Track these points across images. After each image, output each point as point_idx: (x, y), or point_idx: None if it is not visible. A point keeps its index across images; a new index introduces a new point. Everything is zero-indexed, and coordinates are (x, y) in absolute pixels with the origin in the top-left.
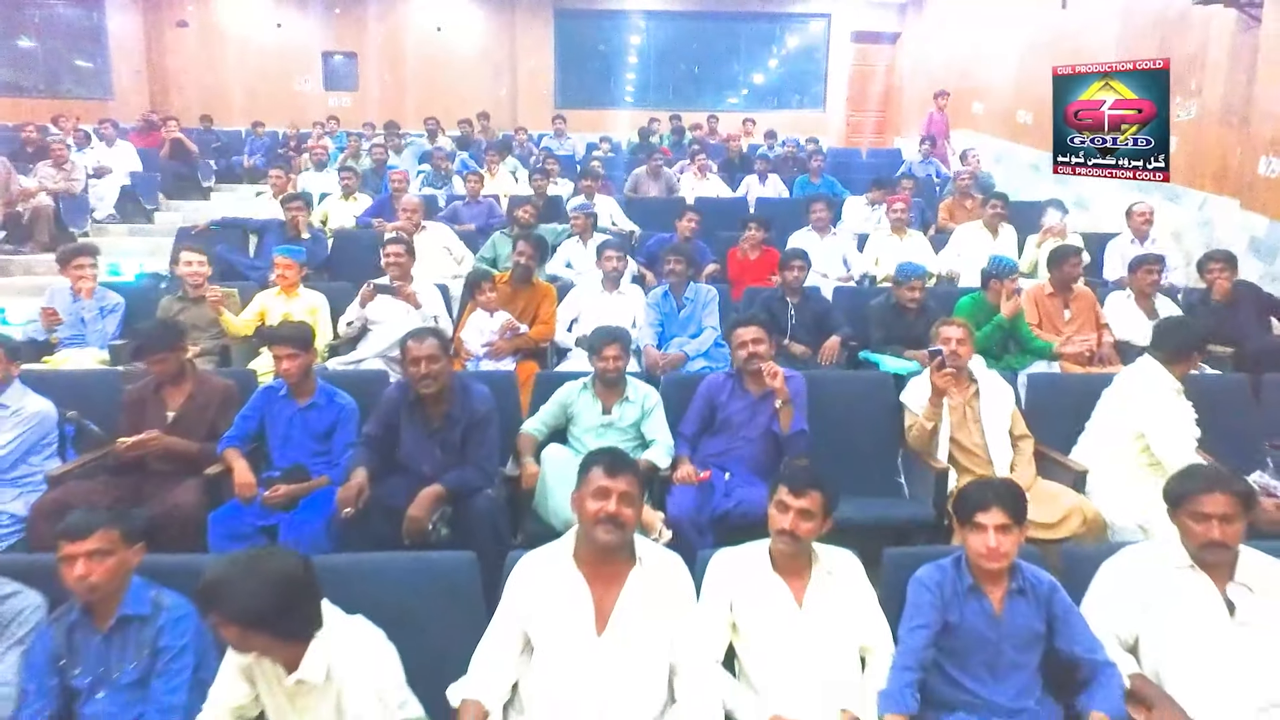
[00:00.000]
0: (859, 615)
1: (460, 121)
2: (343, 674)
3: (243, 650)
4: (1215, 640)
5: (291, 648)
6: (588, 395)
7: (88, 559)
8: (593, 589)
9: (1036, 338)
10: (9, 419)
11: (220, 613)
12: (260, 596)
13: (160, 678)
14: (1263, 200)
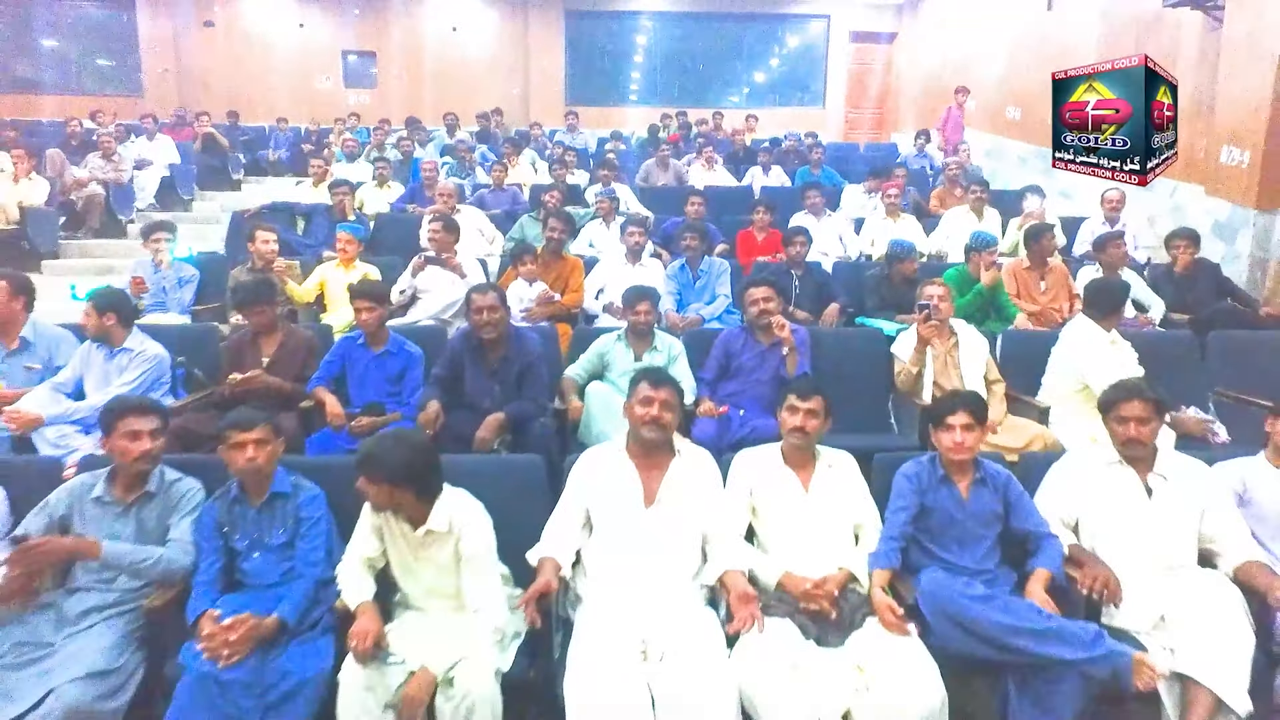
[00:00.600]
0: (854, 499)
1: (479, 116)
2: (460, 525)
3: (387, 506)
4: (1136, 517)
5: (422, 505)
6: (621, 345)
7: (255, 445)
8: (641, 474)
9: (1013, 304)
10: (135, 359)
11: (377, 474)
12: (407, 460)
13: (304, 539)
14: (1225, 187)
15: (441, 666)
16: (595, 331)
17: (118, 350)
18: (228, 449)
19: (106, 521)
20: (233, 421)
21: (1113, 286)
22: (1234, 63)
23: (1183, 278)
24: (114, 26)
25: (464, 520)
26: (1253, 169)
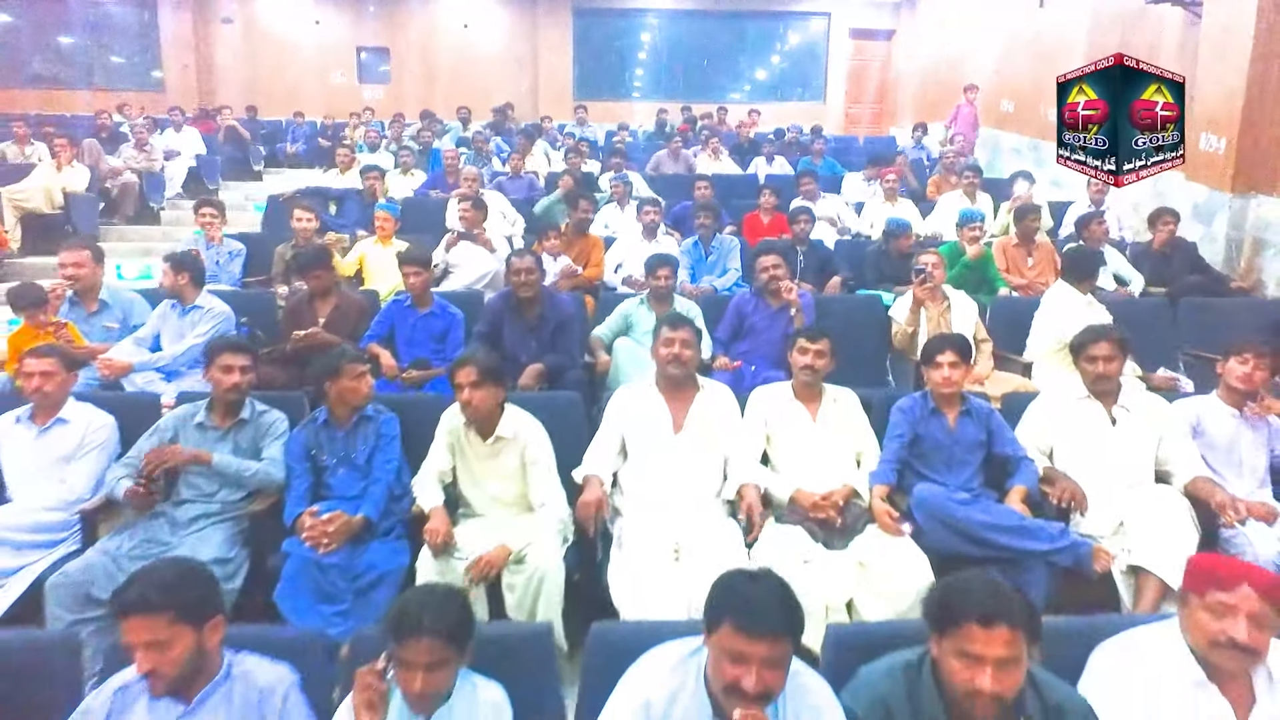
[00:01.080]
0: (856, 429)
1: (494, 110)
2: (524, 434)
3: (475, 400)
4: (1101, 442)
5: (496, 414)
6: (643, 308)
7: (360, 378)
8: (670, 406)
9: (1001, 278)
10: (205, 315)
11: (472, 368)
12: (492, 361)
13: (381, 453)
14: (1203, 172)
15: (513, 549)
16: (619, 297)
17: (190, 308)
18: (350, 380)
19: (207, 443)
20: (353, 356)
21: (1087, 254)
22: (1211, 55)
23: (1160, 255)
24: (135, 24)
25: (527, 429)
26: (1228, 155)
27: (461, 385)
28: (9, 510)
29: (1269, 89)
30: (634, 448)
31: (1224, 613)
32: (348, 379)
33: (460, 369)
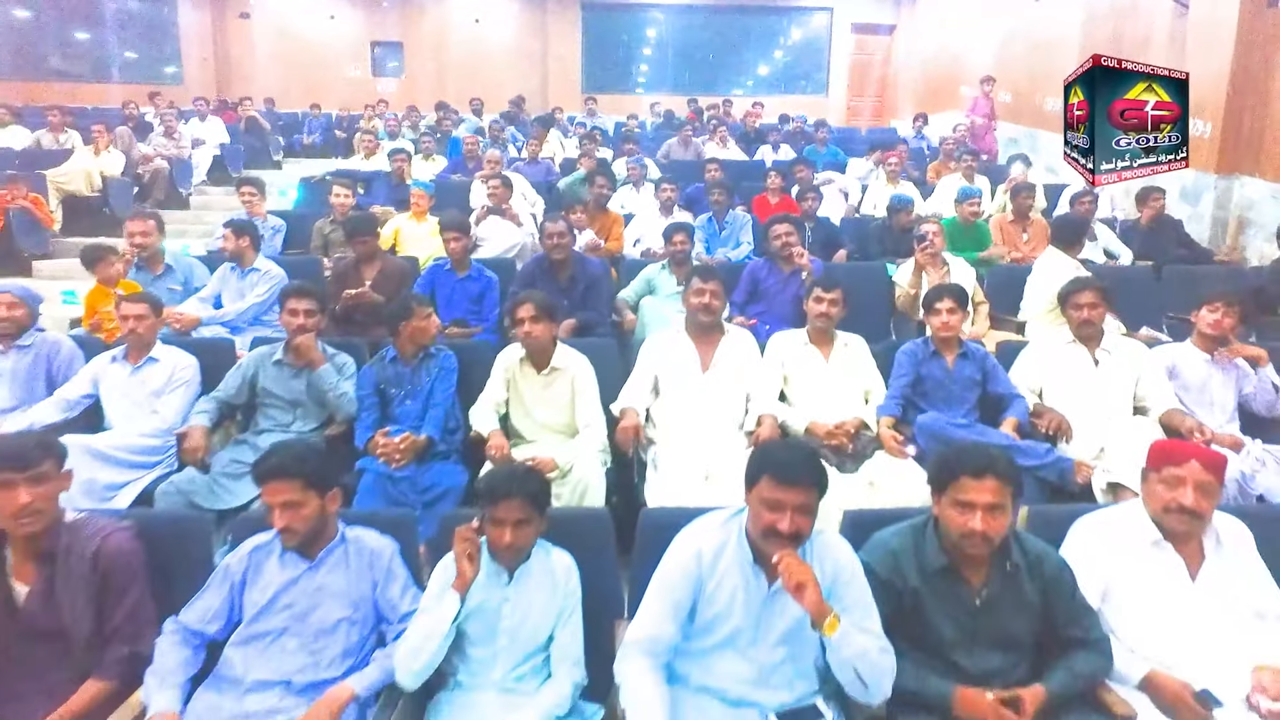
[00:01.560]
0: (864, 370)
1: (510, 101)
2: (573, 365)
3: (535, 332)
4: (1085, 381)
5: (550, 348)
6: (665, 273)
7: (428, 319)
8: (698, 348)
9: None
10: (262, 277)
11: (531, 304)
12: (549, 299)
13: (440, 385)
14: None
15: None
16: (642, 263)
17: (249, 270)
18: (419, 320)
19: (284, 379)
20: (420, 299)
21: (1075, 220)
22: (1197, 46)
23: (1148, 230)
24: (155, 19)
25: (576, 362)
26: (1213, 139)
27: (523, 319)
28: (112, 435)
29: (1251, 76)
30: (666, 385)
31: (1176, 484)
32: (417, 320)
33: (521, 306)
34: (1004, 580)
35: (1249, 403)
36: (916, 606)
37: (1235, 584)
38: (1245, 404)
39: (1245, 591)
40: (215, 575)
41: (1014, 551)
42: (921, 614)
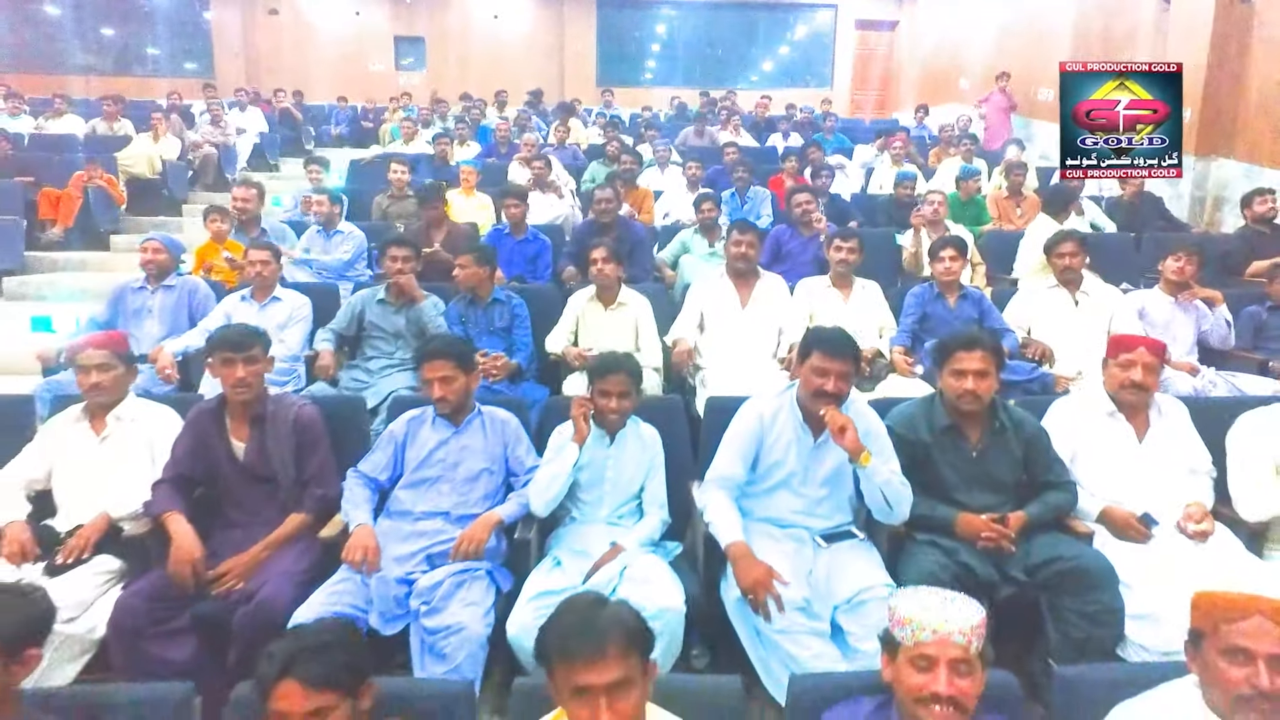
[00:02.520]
0: (878, 311)
1: (530, 93)
2: (636, 304)
3: (607, 270)
4: (1068, 319)
5: (617, 286)
6: (698, 236)
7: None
8: (737, 289)
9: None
10: (347, 238)
11: (604, 249)
12: (618, 245)
13: (518, 328)
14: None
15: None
16: (674, 229)
17: (334, 232)
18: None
19: (387, 315)
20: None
21: (1063, 188)
22: (1178, 37)
23: (1131, 205)
24: (187, 15)
25: (639, 300)
26: (1193, 123)
27: (596, 259)
28: None
29: (1226, 65)
30: (710, 320)
31: (1128, 366)
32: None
33: (596, 249)
34: (994, 436)
35: (1206, 338)
36: (927, 457)
37: (1173, 446)
38: (1203, 339)
39: (1180, 452)
40: (381, 439)
41: (1001, 415)
42: (930, 462)
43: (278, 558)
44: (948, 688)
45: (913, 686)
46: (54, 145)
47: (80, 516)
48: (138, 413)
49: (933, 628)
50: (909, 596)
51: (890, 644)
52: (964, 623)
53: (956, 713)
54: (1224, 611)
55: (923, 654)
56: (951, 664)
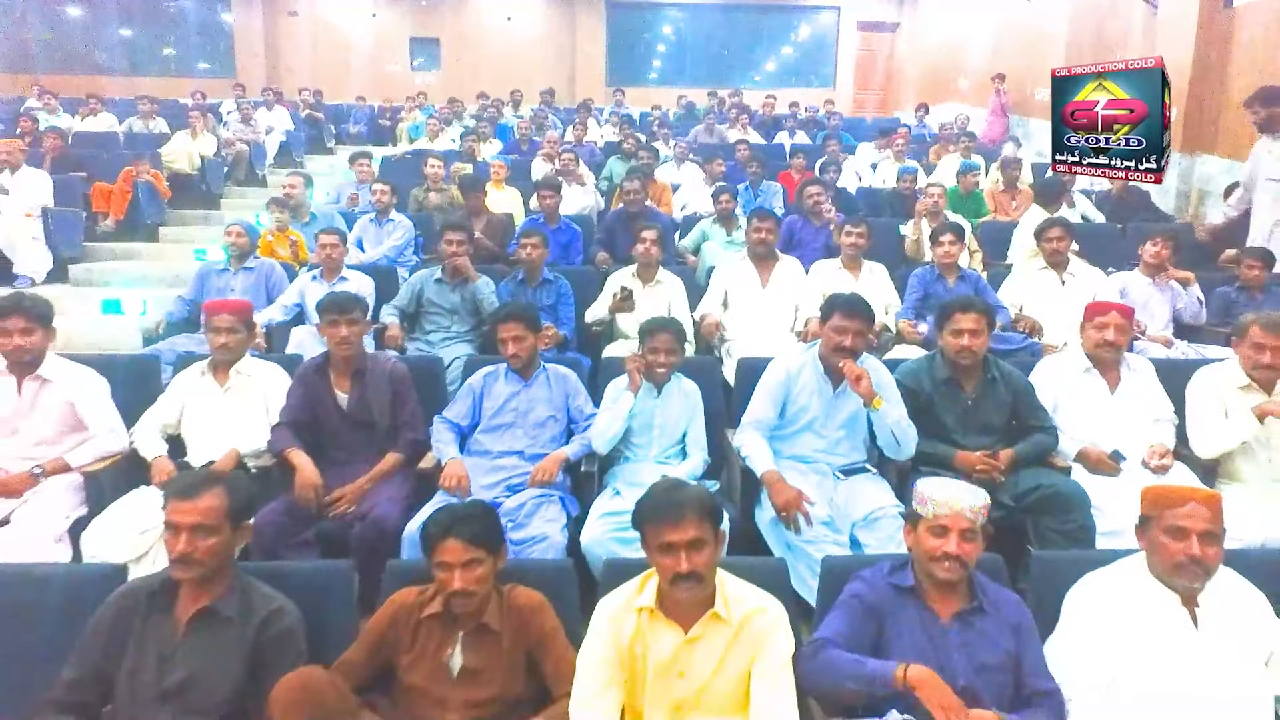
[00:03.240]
0: (885, 291)
1: (543, 93)
2: (671, 283)
3: (653, 250)
4: (1055, 298)
5: (657, 267)
6: (716, 225)
7: (537, 247)
8: (758, 270)
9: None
10: (398, 226)
11: (654, 230)
12: (662, 226)
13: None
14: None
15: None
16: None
17: (386, 220)
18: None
19: (444, 293)
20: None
21: (1054, 180)
22: (1164, 38)
23: (1119, 199)
24: (209, 18)
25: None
26: (1178, 121)
27: (646, 239)
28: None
29: (1210, 65)
30: (733, 299)
31: (1102, 326)
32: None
33: (646, 231)
34: (987, 387)
35: (1180, 315)
36: (929, 405)
37: (1140, 397)
38: (1177, 316)
39: (1147, 402)
40: (461, 391)
41: (993, 369)
42: (932, 409)
43: (383, 486)
44: (957, 549)
45: (930, 548)
46: (96, 142)
47: (208, 454)
48: (254, 369)
49: (949, 504)
50: (933, 482)
51: (913, 518)
52: (973, 502)
53: (960, 567)
54: (1166, 500)
55: (940, 524)
56: (961, 532)
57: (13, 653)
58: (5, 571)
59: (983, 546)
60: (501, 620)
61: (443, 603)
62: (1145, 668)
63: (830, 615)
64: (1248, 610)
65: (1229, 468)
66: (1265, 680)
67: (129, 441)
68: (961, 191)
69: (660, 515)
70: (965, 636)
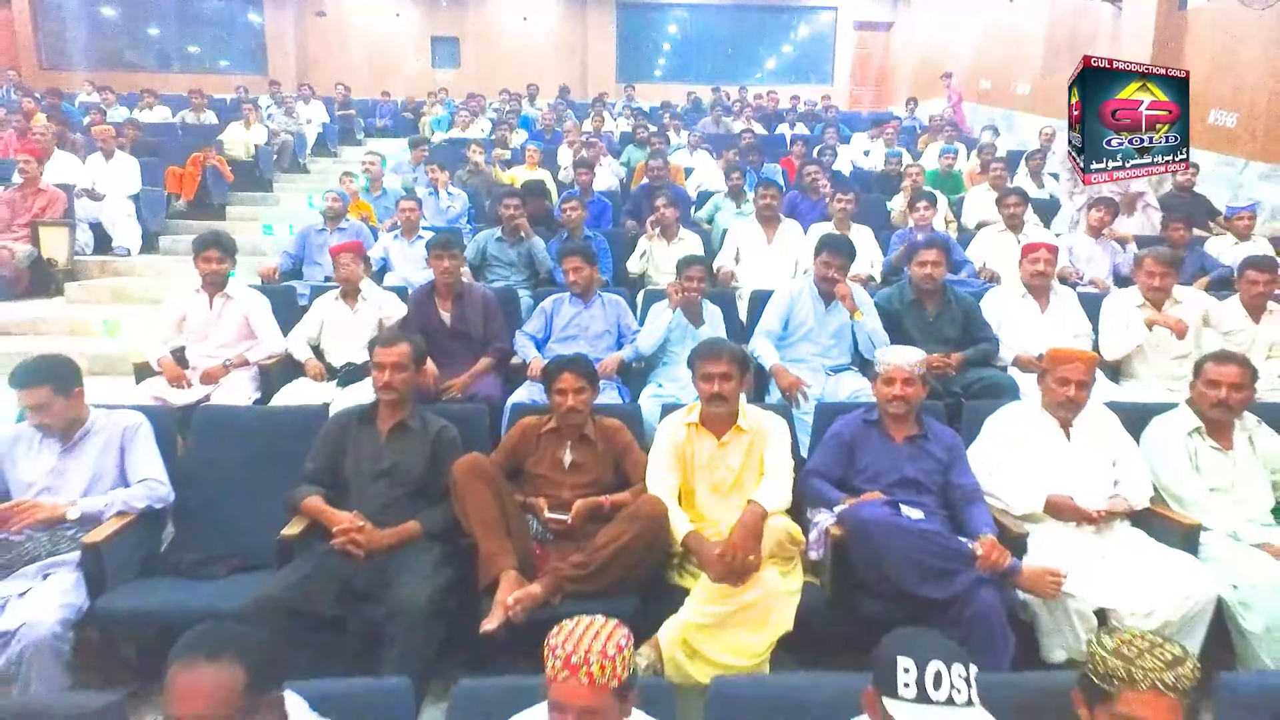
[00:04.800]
0: (870, 247)
1: (560, 88)
2: (690, 239)
3: (668, 216)
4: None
5: (678, 226)
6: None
7: (576, 210)
8: (764, 230)
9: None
10: (455, 199)
11: (672, 209)
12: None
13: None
14: None
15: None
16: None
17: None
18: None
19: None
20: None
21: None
22: (1129, 39)
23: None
24: (242, 19)
25: (692, 236)
26: None
27: (658, 205)
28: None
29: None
30: (744, 254)
31: (1035, 260)
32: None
33: (659, 199)
34: (944, 308)
35: (1119, 269)
36: (899, 321)
37: (1064, 317)
38: (1117, 270)
39: (1069, 321)
40: (536, 311)
41: (949, 294)
42: (901, 325)
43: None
44: (900, 391)
45: (883, 394)
46: (156, 132)
47: (344, 358)
48: (373, 295)
49: (894, 362)
50: (886, 350)
51: (873, 375)
52: (910, 359)
53: (903, 404)
54: (1061, 359)
55: (889, 376)
56: (903, 380)
57: (273, 455)
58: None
59: (924, 391)
60: (595, 433)
61: (557, 421)
62: (1033, 465)
63: (817, 452)
64: (1106, 431)
65: (1129, 368)
66: (1110, 471)
67: (284, 347)
68: (941, 172)
69: (707, 352)
70: (912, 451)
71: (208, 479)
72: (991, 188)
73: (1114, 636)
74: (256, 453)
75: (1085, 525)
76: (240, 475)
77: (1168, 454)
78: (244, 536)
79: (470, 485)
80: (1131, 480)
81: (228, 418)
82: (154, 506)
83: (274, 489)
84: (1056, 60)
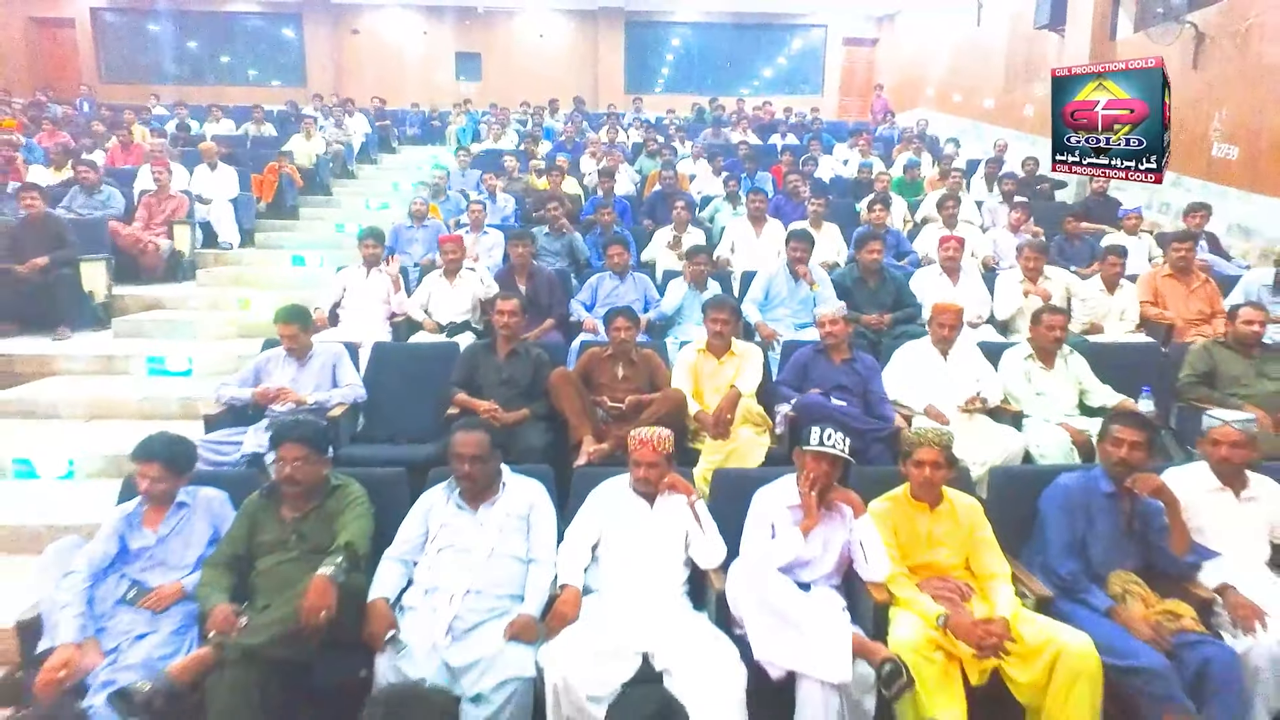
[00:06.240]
0: (837, 241)
1: (575, 99)
2: (695, 235)
3: (684, 216)
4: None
5: (687, 224)
6: (726, 203)
7: (610, 213)
8: (754, 227)
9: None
10: (508, 200)
11: (683, 203)
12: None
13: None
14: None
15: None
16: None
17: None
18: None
19: (550, 242)
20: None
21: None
22: (1068, 59)
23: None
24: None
25: (698, 233)
26: None
27: (677, 206)
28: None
29: None
30: (738, 246)
31: (945, 249)
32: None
33: (678, 203)
34: (882, 284)
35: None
36: (848, 293)
37: (970, 287)
38: None
39: (975, 290)
40: (584, 285)
41: (887, 273)
42: (850, 295)
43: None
44: (830, 327)
45: (823, 332)
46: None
47: (449, 319)
48: (467, 272)
49: (824, 313)
50: (821, 305)
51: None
52: (837, 310)
53: (834, 337)
54: (939, 310)
55: (822, 320)
56: (830, 320)
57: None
58: (405, 346)
59: (849, 327)
60: (638, 358)
61: (613, 348)
62: (920, 381)
63: (783, 371)
64: (972, 357)
65: (1013, 325)
66: (974, 385)
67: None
68: (906, 180)
69: (715, 304)
70: (844, 369)
71: (382, 386)
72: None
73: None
74: (410, 372)
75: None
76: (400, 385)
77: (1011, 371)
78: (405, 420)
79: (562, 386)
80: (989, 386)
81: (391, 349)
82: (356, 401)
83: (422, 393)
84: (1014, 79)
